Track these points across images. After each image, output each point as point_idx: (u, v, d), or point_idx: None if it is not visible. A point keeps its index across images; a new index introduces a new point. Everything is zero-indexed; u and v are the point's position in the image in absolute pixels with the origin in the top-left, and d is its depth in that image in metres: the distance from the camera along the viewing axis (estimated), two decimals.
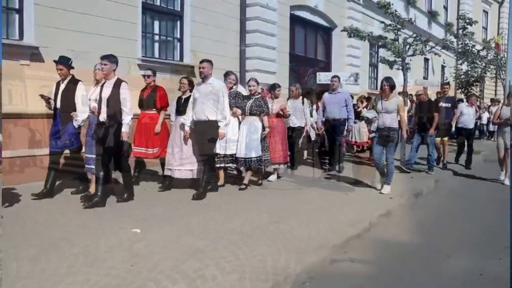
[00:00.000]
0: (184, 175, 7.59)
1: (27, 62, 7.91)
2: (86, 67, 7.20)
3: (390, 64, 11.28)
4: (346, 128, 9.90)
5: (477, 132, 19.43)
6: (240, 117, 7.95)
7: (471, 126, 11.83)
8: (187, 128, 7.37)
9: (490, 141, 18.77)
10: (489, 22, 33.03)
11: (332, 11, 16.28)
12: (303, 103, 9.88)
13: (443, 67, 25.91)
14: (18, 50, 7.78)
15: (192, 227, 5.44)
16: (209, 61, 7.30)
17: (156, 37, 10.89)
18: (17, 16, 8.01)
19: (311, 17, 15.61)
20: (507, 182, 9.09)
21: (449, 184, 9.57)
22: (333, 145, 9.72)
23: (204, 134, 7.15)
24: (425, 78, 24.31)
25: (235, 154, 7.82)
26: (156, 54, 10.82)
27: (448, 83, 11.66)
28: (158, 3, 10.73)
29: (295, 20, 14.83)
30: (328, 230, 5.45)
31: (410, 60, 11.37)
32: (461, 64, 20.79)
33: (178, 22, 11.19)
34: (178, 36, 11.20)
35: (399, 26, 10.99)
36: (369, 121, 10.57)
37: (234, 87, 8.16)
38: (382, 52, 15.29)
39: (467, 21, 12.53)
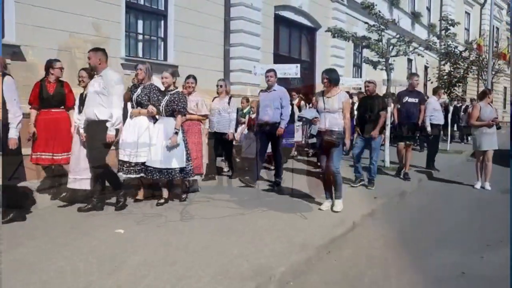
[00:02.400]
0: (81, 186, 6.42)
1: (8, 60, 7.79)
2: (69, 66, 7.11)
3: (374, 65, 11.32)
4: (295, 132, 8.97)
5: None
6: (158, 117, 6.66)
7: (442, 122, 11.05)
8: (81, 130, 6.26)
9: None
10: (471, 24, 33.41)
11: (316, 11, 16.33)
12: (229, 103, 8.50)
13: (426, 67, 26.12)
14: None
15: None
16: (99, 50, 6.17)
17: (140, 37, 10.82)
18: None
19: (295, 17, 15.64)
20: (488, 186, 8.76)
21: (432, 184, 9.63)
22: (262, 153, 8.19)
23: (96, 137, 5.99)
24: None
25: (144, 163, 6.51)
26: (140, 54, 10.75)
27: (416, 74, 10.07)
28: (142, 2, 10.66)
29: (279, 20, 14.85)
30: (312, 230, 5.46)
31: (394, 60, 11.42)
32: (444, 65, 20.97)
33: (162, 22, 11.12)
34: (162, 36, 11.14)
35: (382, 27, 11.04)
36: (307, 122, 9.35)
37: (147, 80, 6.69)
38: (366, 53, 15.39)
39: (450, 22, 12.60)
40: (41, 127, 6.55)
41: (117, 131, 6.10)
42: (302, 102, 12.18)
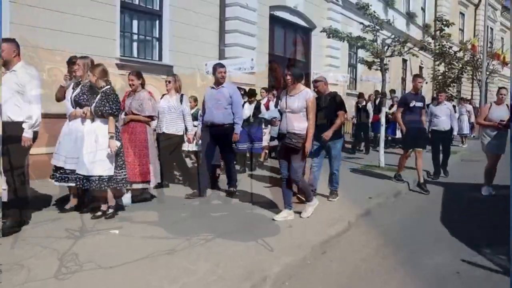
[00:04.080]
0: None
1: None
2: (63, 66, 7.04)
3: (369, 65, 11.35)
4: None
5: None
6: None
7: (448, 127, 10.11)
8: None
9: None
10: (466, 24, 33.52)
11: (312, 11, 16.35)
12: (181, 101, 7.65)
13: (420, 68, 26.20)
14: None
15: None
16: (11, 40, 5.35)
17: (135, 37, 10.80)
18: None
19: (290, 17, 15.65)
20: (490, 191, 8.11)
21: (427, 184, 9.63)
22: (209, 159, 7.22)
23: (10, 141, 5.06)
24: (404, 78, 24.58)
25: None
26: (135, 54, 10.73)
27: (421, 76, 9.46)
28: (136, 2, 10.64)
29: (274, 21, 14.85)
30: (308, 230, 5.46)
31: (389, 61, 11.45)
32: (438, 65, 21.08)
33: (157, 22, 11.10)
34: (157, 36, 11.12)
35: (377, 27, 11.06)
36: (267, 124, 8.20)
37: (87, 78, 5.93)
38: (361, 53, 15.43)
39: (444, 23, 12.66)
40: None
41: (36, 133, 5.29)
42: (271, 103, 11.25)
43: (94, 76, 5.73)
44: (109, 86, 5.80)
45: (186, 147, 8.41)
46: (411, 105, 8.51)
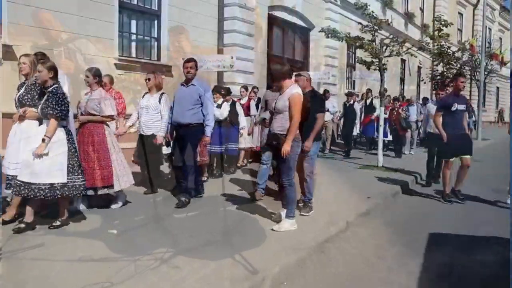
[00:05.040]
0: None
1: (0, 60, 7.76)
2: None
3: (367, 65, 11.35)
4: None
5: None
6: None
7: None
8: None
9: None
10: (464, 24, 33.56)
11: (310, 11, 16.34)
12: (160, 100, 7.12)
13: (419, 68, 26.22)
14: None
15: None
16: None
17: (133, 37, 10.78)
18: None
19: (289, 17, 15.64)
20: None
21: (424, 185, 9.64)
22: (183, 162, 6.55)
23: None
24: (402, 78, 24.59)
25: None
26: (133, 54, 10.71)
27: (463, 75, 8.55)
28: (135, 2, 10.62)
29: (273, 20, 14.84)
30: (306, 230, 5.45)
31: (387, 61, 11.45)
32: (436, 65, 21.09)
33: (156, 22, 11.09)
34: (156, 36, 11.11)
35: (376, 27, 11.07)
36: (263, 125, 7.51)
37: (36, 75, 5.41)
38: (360, 53, 15.43)
39: (443, 23, 12.67)
40: None
41: None
42: (252, 101, 10.55)
43: (41, 73, 5.22)
44: (56, 85, 5.25)
45: (165, 150, 7.70)
46: (453, 108, 7.54)
